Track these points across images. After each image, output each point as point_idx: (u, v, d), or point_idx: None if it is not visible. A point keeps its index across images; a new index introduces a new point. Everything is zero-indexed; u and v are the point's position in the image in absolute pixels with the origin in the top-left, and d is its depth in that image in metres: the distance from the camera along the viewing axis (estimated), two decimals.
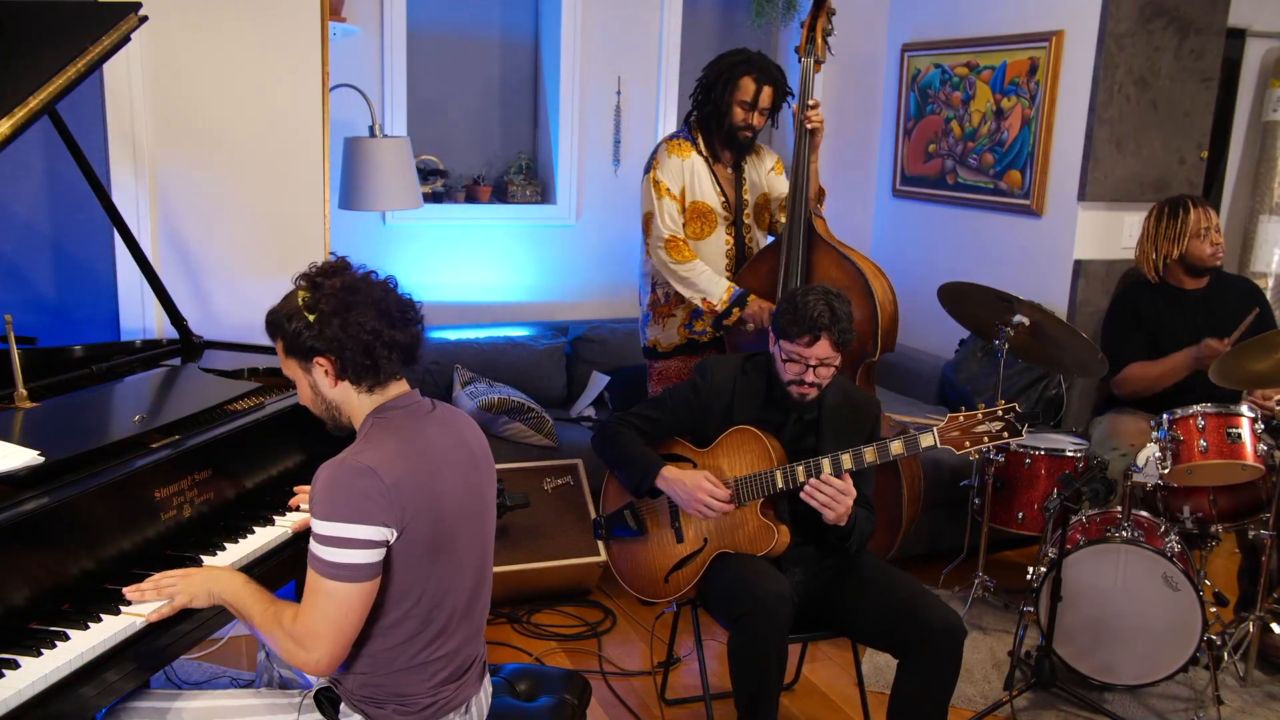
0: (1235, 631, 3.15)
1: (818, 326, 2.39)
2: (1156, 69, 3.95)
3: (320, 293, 1.71)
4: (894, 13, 4.91)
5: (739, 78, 3.19)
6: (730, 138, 3.28)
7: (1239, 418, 3.02)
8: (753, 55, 3.22)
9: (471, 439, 1.86)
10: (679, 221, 3.27)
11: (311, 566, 1.64)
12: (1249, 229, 4.93)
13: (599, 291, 4.60)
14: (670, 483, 2.52)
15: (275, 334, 1.77)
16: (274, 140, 3.07)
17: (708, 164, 3.30)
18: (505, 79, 4.52)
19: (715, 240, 3.33)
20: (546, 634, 3.33)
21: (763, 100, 3.21)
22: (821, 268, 3.23)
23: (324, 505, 1.63)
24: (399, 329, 1.74)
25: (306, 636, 1.64)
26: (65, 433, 2.01)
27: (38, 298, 2.95)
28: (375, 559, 1.64)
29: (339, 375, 1.73)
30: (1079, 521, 3.12)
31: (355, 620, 1.65)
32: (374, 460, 1.64)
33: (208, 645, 3.04)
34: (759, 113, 3.23)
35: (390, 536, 1.65)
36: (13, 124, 2.00)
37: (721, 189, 3.31)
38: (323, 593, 1.63)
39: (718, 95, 3.22)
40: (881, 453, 2.42)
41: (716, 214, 3.31)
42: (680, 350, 3.41)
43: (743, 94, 3.19)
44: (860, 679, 2.77)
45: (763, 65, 3.20)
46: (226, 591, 1.77)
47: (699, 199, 3.29)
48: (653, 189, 3.27)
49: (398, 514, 1.64)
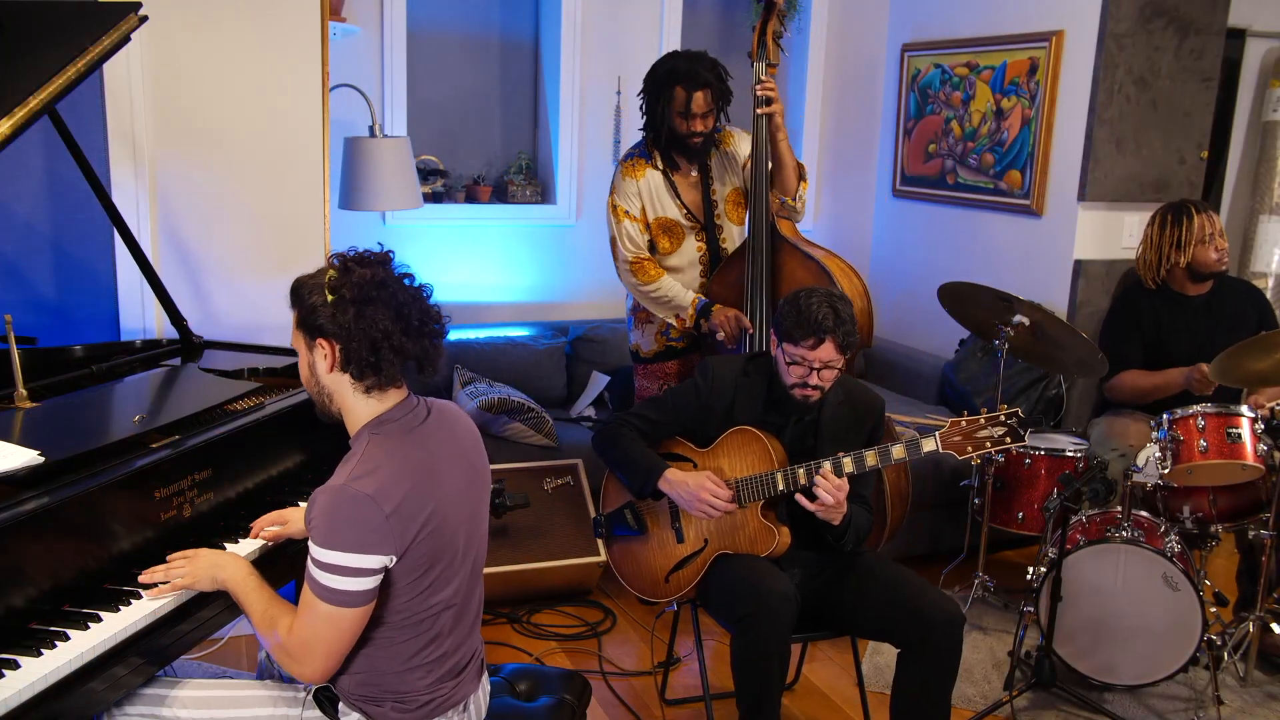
0: (1235, 631, 3.15)
1: (822, 330, 2.39)
2: (1156, 69, 3.95)
3: (347, 278, 1.69)
4: (894, 13, 4.91)
5: (670, 89, 3.15)
6: (681, 146, 3.25)
7: (1239, 418, 3.02)
8: (680, 62, 3.16)
9: (468, 444, 1.85)
10: (642, 241, 3.27)
11: (308, 585, 1.65)
12: (1249, 229, 4.93)
13: (599, 291, 4.60)
14: (673, 485, 2.52)
15: (295, 302, 1.75)
16: (274, 140, 3.07)
17: (666, 177, 3.28)
18: (505, 79, 4.52)
19: (687, 249, 3.33)
20: (546, 634, 3.33)
21: (697, 106, 3.14)
22: (788, 269, 3.22)
23: (323, 533, 1.62)
24: (412, 337, 1.72)
25: (299, 650, 1.66)
26: (65, 433, 2.01)
27: (38, 298, 2.95)
28: (372, 585, 1.64)
29: (340, 366, 1.71)
30: (1079, 521, 3.12)
31: (349, 640, 1.67)
32: (372, 487, 1.62)
33: (208, 645, 3.04)
34: (699, 118, 3.17)
35: (389, 562, 1.65)
36: (13, 124, 2.00)
37: (682, 201, 3.29)
38: (319, 614, 1.64)
39: (656, 109, 3.20)
40: (883, 457, 2.42)
41: (682, 225, 3.30)
42: (660, 356, 3.42)
43: (677, 105, 3.15)
44: (860, 679, 2.77)
45: (690, 72, 3.12)
46: (230, 580, 1.78)
47: (660, 215, 3.28)
48: (611, 214, 3.28)
49: (396, 541, 1.64)
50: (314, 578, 1.63)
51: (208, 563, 1.82)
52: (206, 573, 1.80)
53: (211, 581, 1.80)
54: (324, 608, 1.63)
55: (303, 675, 1.68)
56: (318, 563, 1.62)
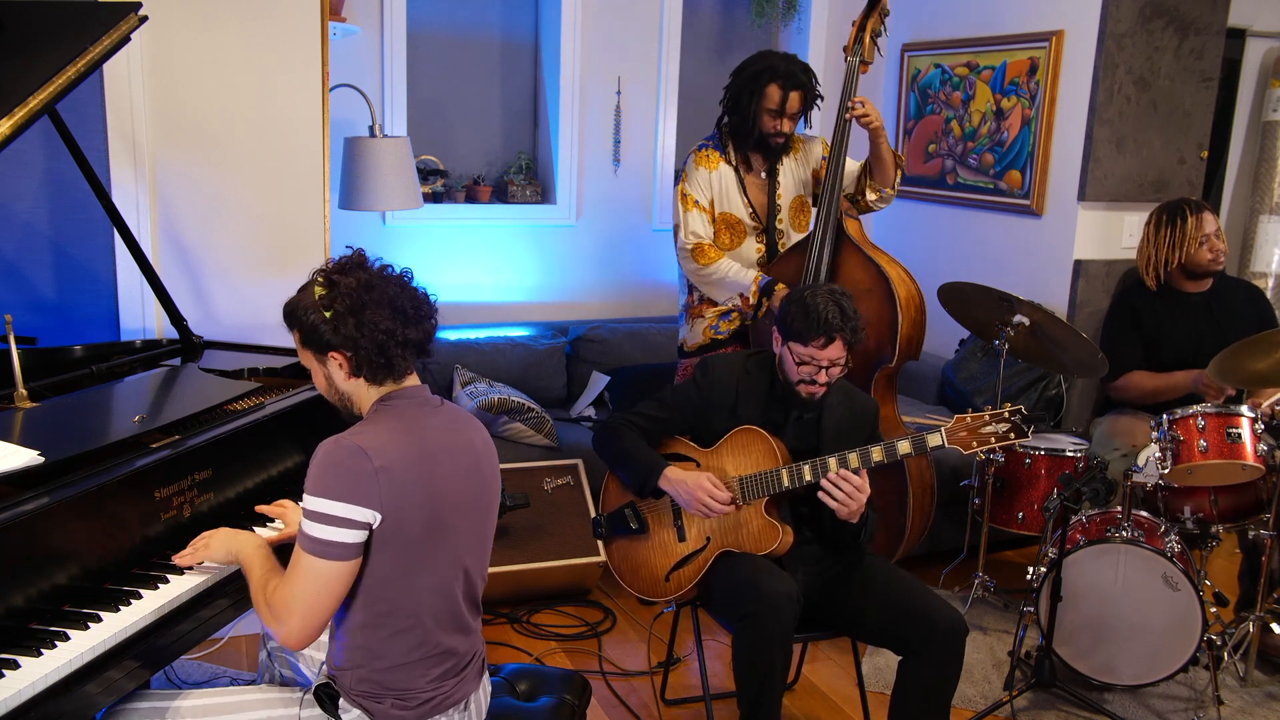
0: (1235, 631, 3.15)
1: (831, 328, 2.39)
2: (1156, 69, 3.95)
3: (336, 291, 1.72)
4: (894, 13, 4.88)
5: (764, 86, 3.17)
6: (762, 145, 3.27)
7: (1239, 418, 3.02)
8: (777, 61, 3.19)
9: (478, 441, 1.86)
10: (707, 232, 3.28)
11: (298, 542, 1.68)
12: (1249, 229, 4.93)
13: (599, 291, 4.60)
14: (673, 483, 2.52)
15: (292, 324, 1.79)
16: (274, 140, 3.07)
17: (736, 173, 3.30)
18: (505, 79, 4.52)
19: (746, 249, 3.34)
20: (546, 634, 3.33)
21: (790, 106, 3.18)
22: (846, 269, 3.23)
23: (315, 480, 1.66)
24: (413, 326, 1.77)
25: (280, 607, 1.68)
26: (65, 433, 2.01)
27: (38, 298, 2.95)
28: (357, 539, 1.66)
29: (353, 372, 1.76)
30: (1079, 521, 3.12)
31: (329, 600, 1.67)
32: (367, 442, 1.66)
33: (208, 645, 3.04)
34: (788, 118, 3.21)
35: (373, 520, 1.66)
36: (13, 124, 2.00)
37: (749, 200, 3.31)
38: (302, 567, 1.66)
39: (745, 105, 3.20)
40: (889, 452, 2.42)
41: (745, 225, 3.31)
42: (703, 349, 3.41)
43: (769, 102, 3.18)
44: (860, 679, 2.77)
45: (788, 71, 3.17)
46: (242, 550, 1.83)
47: (726, 210, 3.29)
48: (680, 202, 3.29)
49: (382, 498, 1.65)
50: (302, 530, 1.66)
51: (224, 533, 1.88)
52: (224, 544, 1.86)
53: (225, 552, 1.86)
54: (307, 560, 1.65)
55: (281, 635, 1.69)
56: (308, 511, 1.65)
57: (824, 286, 2.47)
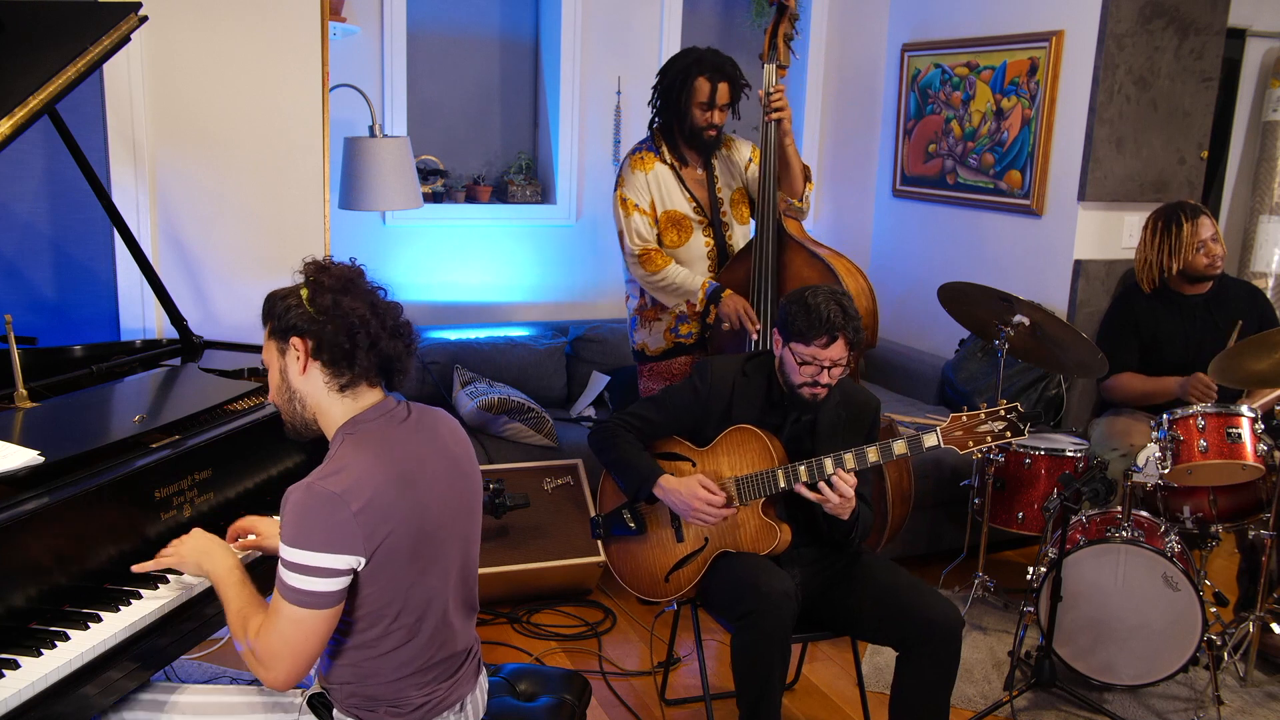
0: (1235, 631, 3.15)
1: (834, 328, 2.39)
2: (1156, 69, 3.95)
3: (324, 273, 1.71)
4: (894, 13, 4.91)
5: (693, 79, 3.18)
6: (695, 139, 3.28)
7: (1239, 418, 3.02)
8: (704, 54, 3.21)
9: (452, 443, 1.82)
10: (651, 234, 3.28)
11: (277, 588, 1.64)
12: (1249, 229, 4.93)
13: (599, 291, 4.60)
14: (668, 493, 2.53)
15: (268, 311, 1.75)
16: (274, 140, 3.07)
17: (674, 170, 3.30)
18: (505, 79, 4.52)
19: (695, 244, 3.33)
20: (546, 634, 3.33)
21: (720, 98, 3.20)
22: (794, 268, 3.23)
23: (291, 531, 1.61)
24: (386, 335, 1.72)
25: (266, 655, 1.64)
26: (65, 433, 2.01)
27: (38, 298, 2.95)
28: (340, 587, 1.62)
29: (312, 354, 1.69)
30: (1079, 521, 3.12)
31: (316, 645, 1.65)
32: (341, 485, 1.60)
33: (208, 645, 3.04)
34: (719, 110, 3.23)
35: (357, 564, 1.63)
36: (13, 124, 2.00)
37: (691, 194, 3.31)
38: (285, 617, 1.62)
39: (674, 100, 3.23)
40: (885, 453, 2.42)
41: (690, 219, 3.31)
42: (668, 354, 3.42)
43: (699, 95, 3.19)
44: (860, 679, 2.77)
45: (715, 64, 3.19)
46: (213, 572, 1.77)
47: (670, 208, 3.29)
48: (620, 207, 3.29)
49: (365, 541, 1.61)
50: (282, 579, 1.62)
51: (196, 547, 1.81)
52: (192, 557, 1.79)
53: (196, 567, 1.79)
54: (290, 609, 1.61)
55: (269, 681, 1.66)
56: (285, 563, 1.61)
57: (824, 287, 2.46)
